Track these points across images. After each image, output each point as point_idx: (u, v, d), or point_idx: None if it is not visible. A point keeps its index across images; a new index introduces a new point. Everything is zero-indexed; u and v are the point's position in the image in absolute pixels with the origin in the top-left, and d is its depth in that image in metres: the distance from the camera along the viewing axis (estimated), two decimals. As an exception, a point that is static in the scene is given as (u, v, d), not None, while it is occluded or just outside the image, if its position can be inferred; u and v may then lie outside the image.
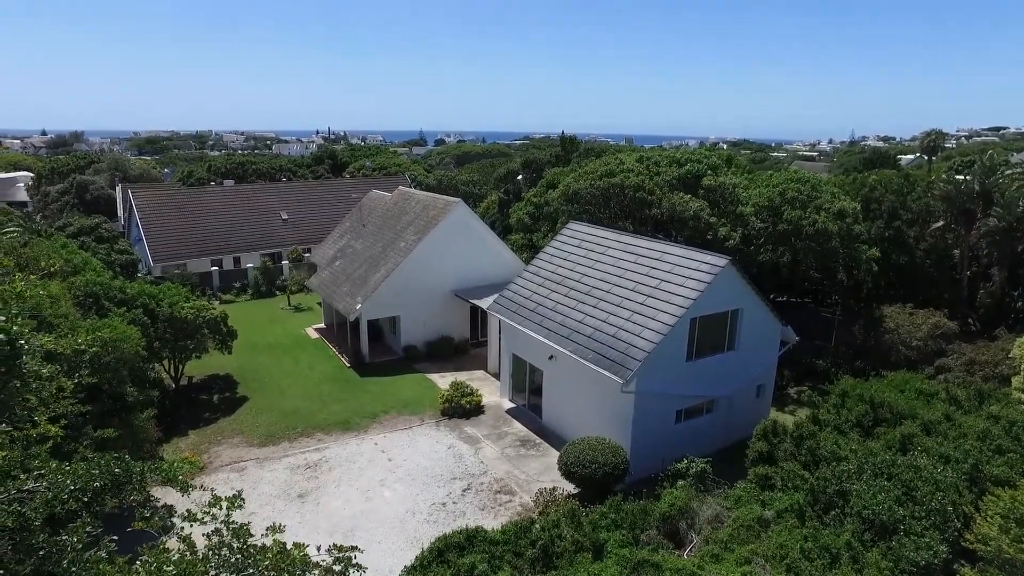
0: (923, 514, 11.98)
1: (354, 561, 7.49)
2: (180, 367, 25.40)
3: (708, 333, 19.70)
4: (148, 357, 21.21)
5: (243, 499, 7.49)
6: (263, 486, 18.78)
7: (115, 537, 7.11)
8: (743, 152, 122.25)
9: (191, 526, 6.83)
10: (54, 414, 9.37)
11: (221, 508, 7.16)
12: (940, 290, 30.53)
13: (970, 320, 30.34)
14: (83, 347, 10.70)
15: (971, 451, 13.91)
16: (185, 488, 7.75)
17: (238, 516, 7.32)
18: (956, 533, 11.96)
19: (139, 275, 35.25)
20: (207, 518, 7.03)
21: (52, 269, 12.73)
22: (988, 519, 11.69)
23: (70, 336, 11.06)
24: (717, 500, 15.18)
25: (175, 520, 7.54)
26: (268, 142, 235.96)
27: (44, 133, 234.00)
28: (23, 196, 67.12)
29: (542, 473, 19.54)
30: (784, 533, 12.34)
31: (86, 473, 6.89)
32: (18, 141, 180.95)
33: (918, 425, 15.38)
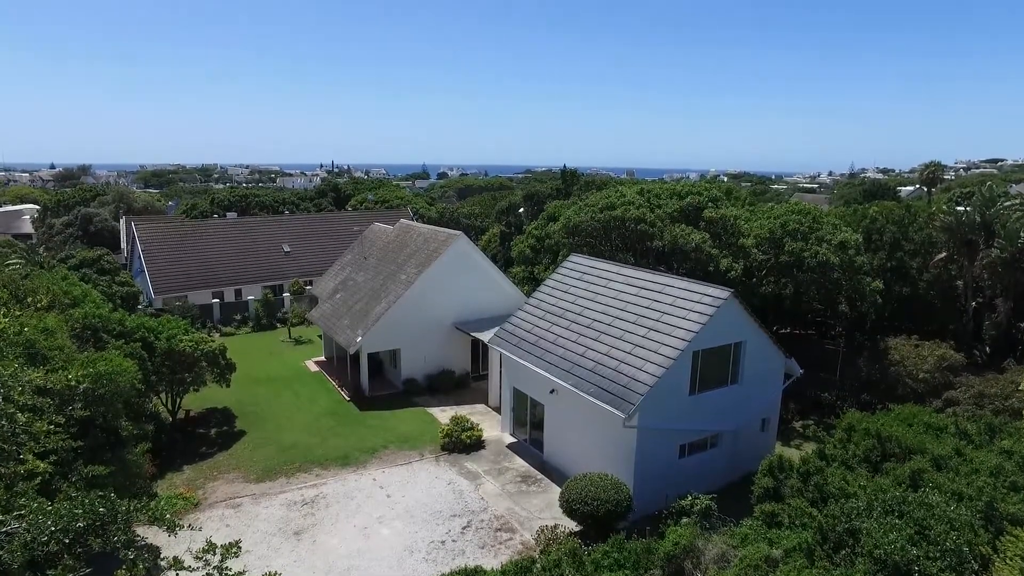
0: (938, 554, 11.53)
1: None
2: (177, 400, 25.11)
3: (711, 366, 19.45)
4: (145, 390, 20.94)
5: (239, 547, 7.19)
6: (259, 523, 18.35)
7: (97, 582, 6.84)
8: (744, 184, 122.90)
9: (176, 575, 6.56)
10: (44, 449, 9.12)
11: (215, 555, 6.88)
12: (945, 321, 30.29)
13: (976, 352, 30.01)
14: (74, 382, 10.50)
15: (985, 488, 13.50)
16: (172, 528, 7.48)
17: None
18: (974, 575, 11.52)
19: (140, 307, 35.16)
20: (199, 564, 6.74)
21: (40, 305, 12.62)
22: (1008, 561, 11.28)
23: (62, 370, 10.87)
24: (723, 538, 14.72)
25: (161, 564, 7.24)
26: (272, 175, 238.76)
27: (52, 167, 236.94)
28: (28, 228, 67.69)
29: (543, 510, 19.09)
30: (793, 573, 11.91)
31: (68, 513, 6.64)
32: (27, 175, 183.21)
33: (928, 460, 14.98)
